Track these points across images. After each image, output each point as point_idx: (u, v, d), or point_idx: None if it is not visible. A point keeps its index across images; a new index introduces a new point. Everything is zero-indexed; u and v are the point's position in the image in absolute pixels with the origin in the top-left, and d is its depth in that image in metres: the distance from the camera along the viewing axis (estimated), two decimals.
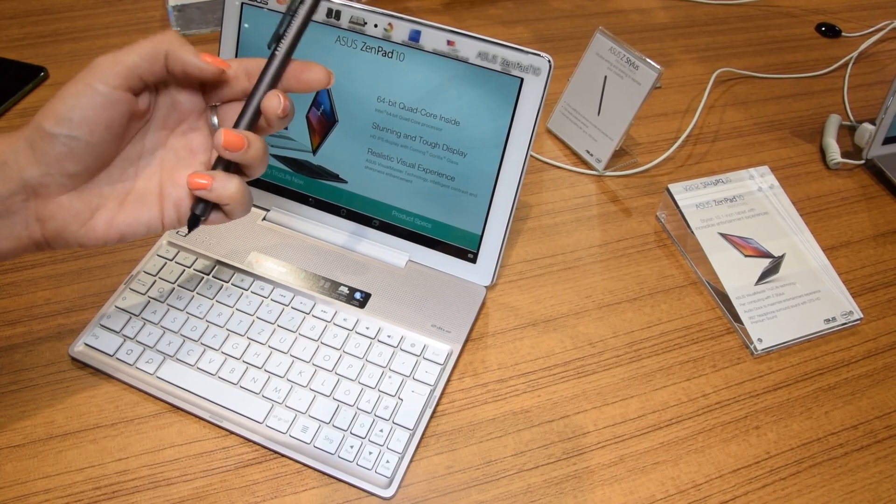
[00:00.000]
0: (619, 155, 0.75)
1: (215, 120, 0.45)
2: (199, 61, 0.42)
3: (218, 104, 0.45)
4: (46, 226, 0.41)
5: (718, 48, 0.93)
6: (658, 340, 0.60)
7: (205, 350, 0.55)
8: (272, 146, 0.62)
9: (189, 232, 0.44)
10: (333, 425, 0.52)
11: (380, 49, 0.57)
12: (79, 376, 0.54)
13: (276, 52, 0.43)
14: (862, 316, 0.63)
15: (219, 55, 0.61)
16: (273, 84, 0.43)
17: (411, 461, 0.51)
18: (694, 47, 0.93)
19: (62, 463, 0.49)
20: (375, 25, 0.56)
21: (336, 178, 0.62)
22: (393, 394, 0.53)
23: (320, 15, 0.57)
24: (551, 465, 0.52)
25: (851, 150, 0.80)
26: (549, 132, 0.79)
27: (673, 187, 0.67)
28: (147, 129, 0.44)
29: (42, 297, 0.58)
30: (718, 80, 0.87)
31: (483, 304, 0.60)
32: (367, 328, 0.57)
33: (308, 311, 0.57)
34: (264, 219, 0.64)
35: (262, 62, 0.43)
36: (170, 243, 0.61)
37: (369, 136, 0.59)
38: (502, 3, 0.96)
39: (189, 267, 0.60)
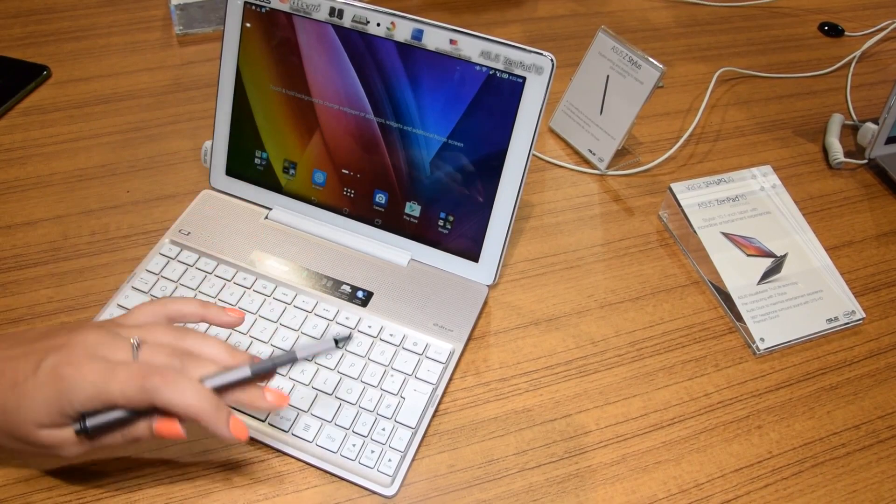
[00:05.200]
0: (621, 154, 0.75)
1: None
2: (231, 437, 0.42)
3: None
4: None
5: (721, 47, 0.93)
6: (660, 340, 0.60)
7: None
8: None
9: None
10: (335, 424, 0.52)
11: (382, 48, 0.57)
12: None
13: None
14: (864, 316, 0.63)
15: (221, 54, 0.61)
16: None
17: (413, 460, 0.51)
18: (696, 47, 0.93)
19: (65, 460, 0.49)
20: (378, 24, 0.56)
21: None
22: (395, 392, 0.53)
23: (323, 14, 0.57)
24: (553, 464, 0.52)
25: (854, 150, 0.80)
26: (552, 131, 0.79)
27: (675, 186, 0.67)
28: None
29: (45, 296, 0.58)
30: (721, 80, 0.87)
31: (485, 302, 0.60)
32: (370, 327, 0.57)
33: (310, 310, 0.57)
34: (266, 217, 0.64)
35: None
36: (172, 241, 0.61)
37: None
38: (504, 2, 0.96)
39: (191, 265, 0.60)
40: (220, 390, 0.42)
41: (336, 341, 0.43)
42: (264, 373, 0.43)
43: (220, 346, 0.44)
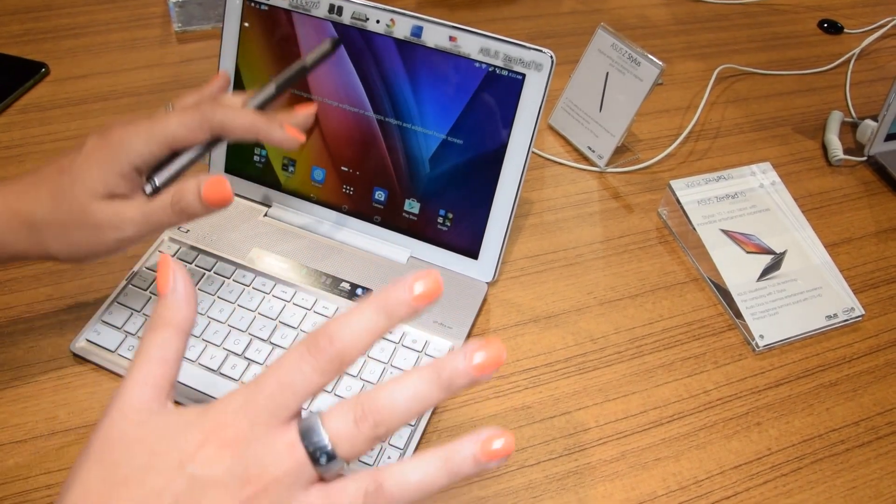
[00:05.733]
0: (620, 151, 0.75)
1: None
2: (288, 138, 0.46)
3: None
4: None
5: (720, 45, 0.93)
6: (660, 337, 0.60)
7: (206, 346, 0.55)
8: None
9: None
10: None
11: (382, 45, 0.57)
12: (80, 372, 0.54)
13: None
14: (864, 312, 0.63)
15: (220, 52, 0.61)
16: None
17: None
18: (696, 44, 0.92)
19: (64, 459, 0.49)
20: (377, 21, 0.56)
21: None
22: None
23: (322, 10, 0.57)
24: (553, 461, 0.52)
25: (853, 147, 0.80)
26: (551, 128, 0.79)
27: (675, 183, 0.67)
28: None
29: (44, 294, 0.58)
30: (720, 77, 0.87)
31: (485, 300, 0.60)
32: None
33: (309, 308, 0.57)
34: (266, 215, 0.64)
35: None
36: (171, 239, 0.61)
37: None
38: None
39: (191, 263, 0.60)
40: None
41: (332, 43, 0.51)
42: (286, 86, 0.48)
43: (238, 97, 0.47)
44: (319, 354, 0.29)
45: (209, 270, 0.59)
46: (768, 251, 0.65)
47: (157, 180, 0.43)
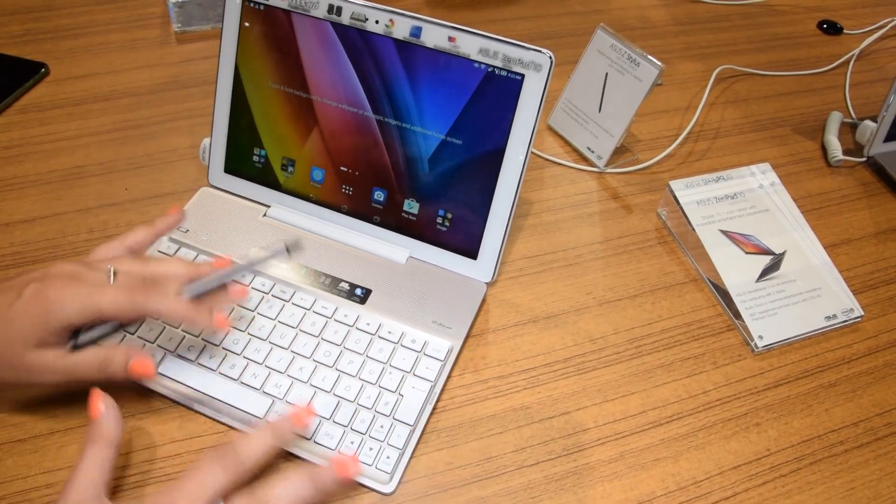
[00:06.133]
0: (620, 152, 0.75)
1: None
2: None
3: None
4: None
5: (720, 45, 0.93)
6: (659, 337, 0.60)
7: (205, 346, 0.55)
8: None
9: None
10: (334, 421, 0.52)
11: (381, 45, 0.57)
12: None
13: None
14: (863, 313, 0.63)
15: (219, 53, 0.61)
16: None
17: (412, 457, 0.51)
18: (695, 44, 0.93)
19: (63, 458, 0.49)
20: (377, 21, 0.56)
21: None
22: (393, 390, 0.53)
23: (321, 11, 0.57)
24: (551, 462, 0.52)
25: (853, 148, 0.80)
26: (550, 129, 0.79)
27: (674, 184, 0.67)
28: None
29: None
30: (720, 78, 0.87)
31: (484, 300, 0.60)
32: (368, 324, 0.57)
33: (309, 307, 0.57)
34: (265, 215, 0.64)
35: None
36: (170, 239, 0.61)
37: None
38: (503, 0, 0.96)
39: None
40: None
41: (287, 248, 0.51)
42: (228, 279, 0.50)
43: (181, 264, 0.50)
44: (226, 461, 0.41)
45: None
46: (767, 252, 0.65)
47: (80, 341, 0.46)
